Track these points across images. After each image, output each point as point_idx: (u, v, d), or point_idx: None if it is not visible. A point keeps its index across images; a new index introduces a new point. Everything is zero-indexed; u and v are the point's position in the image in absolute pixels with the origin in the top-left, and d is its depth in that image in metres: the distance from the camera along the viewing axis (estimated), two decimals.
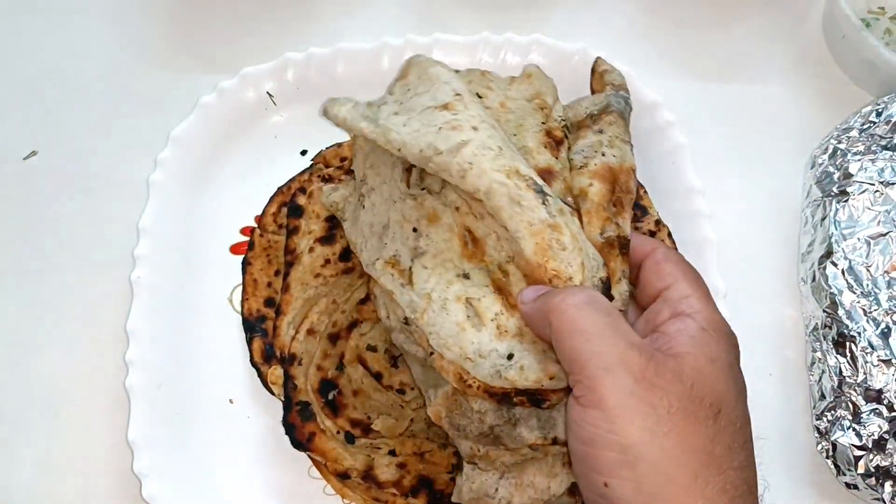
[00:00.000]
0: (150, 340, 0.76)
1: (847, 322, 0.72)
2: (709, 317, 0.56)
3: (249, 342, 0.76)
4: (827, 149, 0.81)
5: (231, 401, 0.77)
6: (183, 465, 0.74)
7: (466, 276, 0.61)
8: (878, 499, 0.71)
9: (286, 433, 0.71)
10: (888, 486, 0.70)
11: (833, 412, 0.72)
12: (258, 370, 0.75)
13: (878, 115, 0.80)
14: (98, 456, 0.76)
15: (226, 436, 0.76)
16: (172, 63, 0.93)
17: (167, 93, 0.90)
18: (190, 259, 0.80)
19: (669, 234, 0.79)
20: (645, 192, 0.81)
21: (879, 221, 0.75)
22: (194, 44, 0.94)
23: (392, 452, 0.71)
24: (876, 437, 0.70)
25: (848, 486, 0.72)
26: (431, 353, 0.60)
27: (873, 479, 0.70)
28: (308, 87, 0.84)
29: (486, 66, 0.84)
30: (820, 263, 0.76)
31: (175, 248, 0.79)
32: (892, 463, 0.69)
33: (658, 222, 0.80)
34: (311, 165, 0.81)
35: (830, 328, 0.74)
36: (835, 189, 0.78)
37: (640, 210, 0.80)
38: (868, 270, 0.73)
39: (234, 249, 0.82)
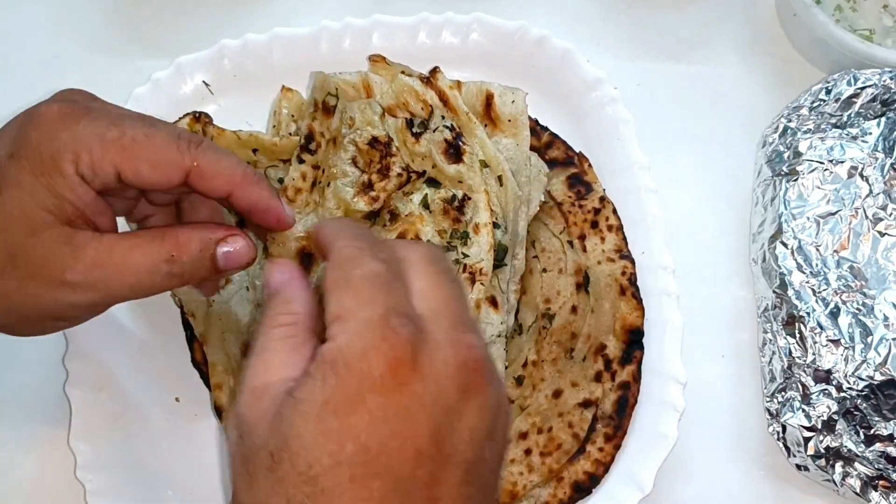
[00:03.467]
0: (89, 342, 0.74)
1: (796, 302, 0.72)
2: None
3: (190, 341, 0.74)
4: (777, 127, 0.80)
5: (177, 399, 0.76)
6: (129, 468, 0.72)
7: None
8: (828, 479, 0.70)
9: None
10: (838, 467, 0.70)
11: (783, 394, 0.72)
12: (200, 370, 0.73)
13: (828, 92, 0.79)
14: (39, 462, 0.74)
15: (173, 435, 0.75)
16: (115, 48, 0.90)
17: (109, 79, 0.86)
18: None
19: (614, 211, 0.78)
20: (589, 166, 0.80)
21: (829, 200, 0.74)
22: (137, 28, 0.91)
23: None
24: (825, 417, 0.69)
25: (798, 467, 0.72)
26: None
27: (823, 460, 0.70)
28: (245, 74, 0.81)
29: (426, 49, 0.83)
30: (770, 243, 0.75)
31: None
32: (841, 444, 0.69)
33: (603, 199, 0.79)
34: None
35: (780, 309, 0.73)
36: (785, 168, 0.77)
37: (585, 186, 0.79)
38: (817, 250, 0.73)
39: None
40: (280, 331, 0.48)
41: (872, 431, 0.69)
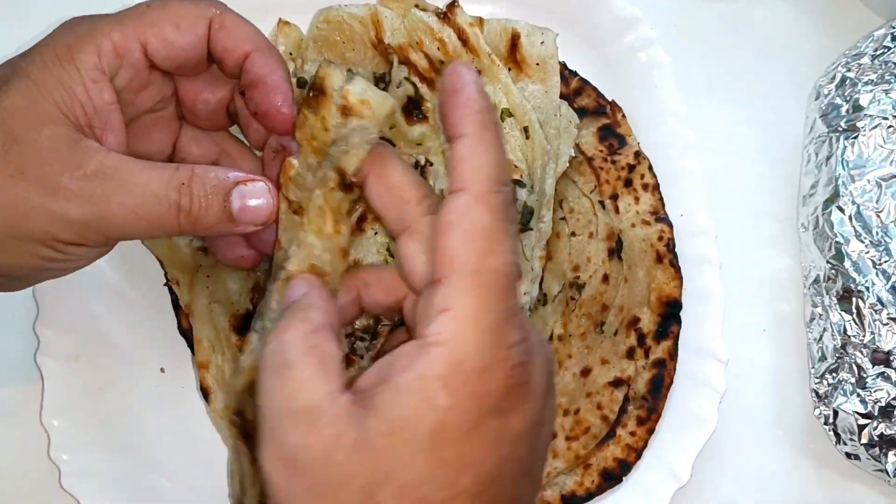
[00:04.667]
0: (63, 305, 0.67)
1: (854, 275, 0.65)
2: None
3: (176, 307, 0.66)
4: (834, 77, 0.72)
5: (162, 370, 0.69)
6: (109, 447, 0.66)
7: None
8: (880, 469, 0.64)
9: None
10: (892, 455, 0.64)
11: (834, 375, 0.65)
12: (187, 339, 0.66)
13: (894, 39, 0.71)
14: (8, 442, 0.67)
15: (158, 409, 0.68)
16: None
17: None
18: None
19: (650, 167, 0.71)
20: (623, 116, 0.72)
21: (893, 161, 0.66)
22: None
23: None
24: (883, 403, 0.63)
25: (848, 455, 0.66)
26: None
27: (876, 448, 0.64)
28: (240, 5, 0.71)
29: None
30: (824, 208, 0.67)
31: None
32: None
33: (638, 154, 0.71)
34: None
35: (834, 281, 0.66)
36: (842, 124, 0.69)
37: (618, 139, 0.71)
38: (878, 217, 0.65)
39: None
40: (300, 341, 0.42)
41: None
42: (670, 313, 0.66)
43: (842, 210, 0.66)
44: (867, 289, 0.64)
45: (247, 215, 0.53)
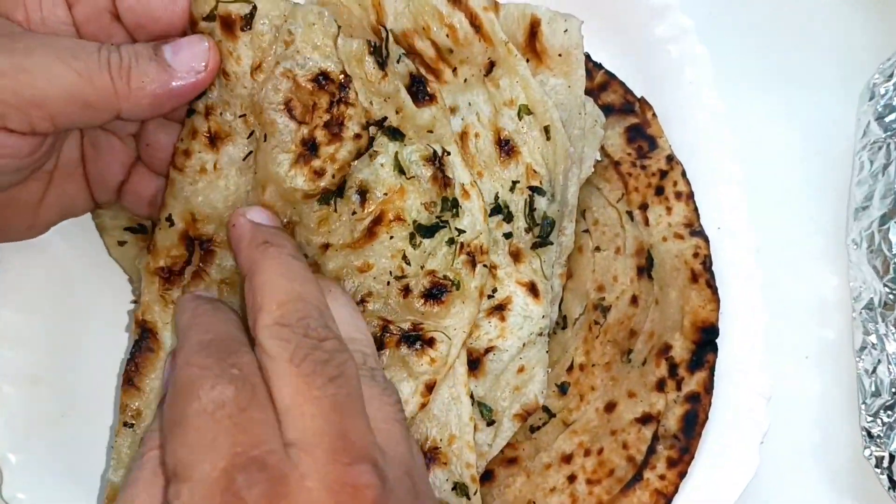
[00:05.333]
0: (21, 320, 0.61)
1: None
2: None
3: None
4: (892, 75, 0.65)
5: None
6: (71, 481, 0.59)
7: None
8: None
9: None
10: None
11: (891, 413, 0.59)
12: None
13: None
14: None
15: None
16: None
17: None
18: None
19: (684, 174, 0.65)
20: (654, 115, 0.65)
21: None
22: None
23: None
24: None
25: None
26: None
27: None
28: None
29: None
30: (881, 223, 0.61)
31: None
32: None
33: (670, 158, 0.65)
34: None
35: (892, 307, 0.59)
36: None
37: (648, 141, 0.65)
38: None
39: None
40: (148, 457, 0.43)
41: None
42: (706, 340, 0.60)
43: None
44: None
45: (184, 62, 0.51)
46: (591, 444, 0.58)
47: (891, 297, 0.59)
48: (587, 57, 0.65)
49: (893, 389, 0.58)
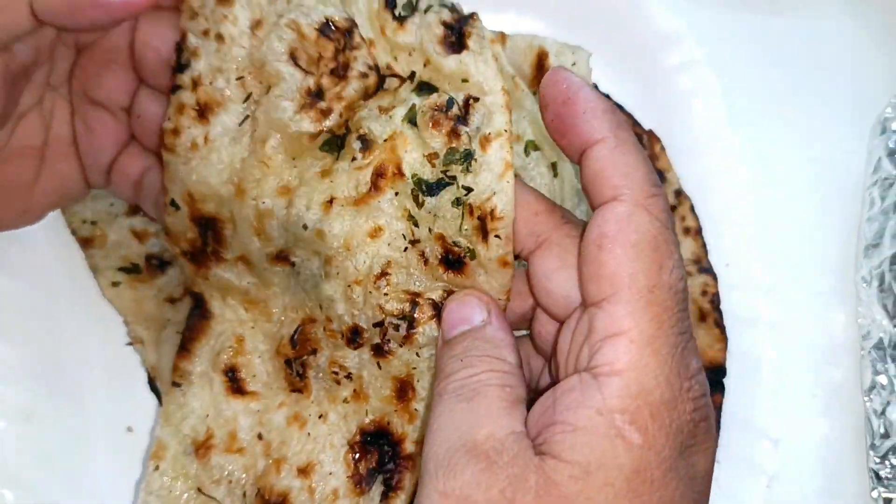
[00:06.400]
0: (13, 354, 0.60)
1: None
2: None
3: None
4: None
5: (129, 429, 0.62)
6: None
7: None
8: None
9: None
10: None
11: None
12: (159, 396, 0.59)
13: None
14: None
15: (125, 476, 0.60)
16: None
17: None
18: (65, 245, 0.62)
19: (692, 209, 0.64)
20: (662, 148, 0.65)
21: None
22: None
23: None
24: None
25: None
26: None
27: None
28: None
29: None
30: (893, 263, 0.61)
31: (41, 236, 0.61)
32: None
33: (679, 193, 0.64)
34: None
35: None
36: None
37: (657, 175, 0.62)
38: None
39: None
40: (496, 377, 0.41)
41: None
42: (714, 381, 0.60)
43: None
44: None
45: None
46: None
47: None
48: (594, 87, 0.65)
49: None
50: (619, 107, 0.65)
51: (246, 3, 0.50)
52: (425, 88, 0.50)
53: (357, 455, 0.50)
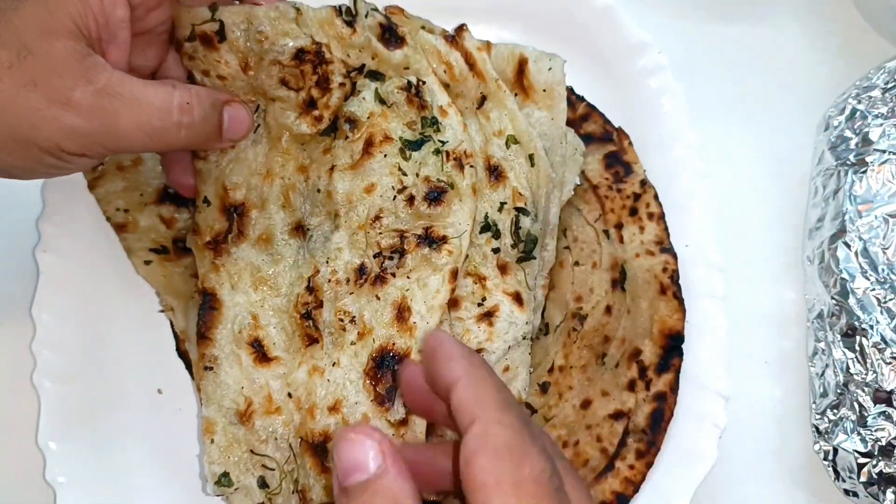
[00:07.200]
0: (60, 324, 0.67)
1: (858, 312, 0.64)
2: None
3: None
4: (844, 109, 0.71)
5: (160, 391, 0.68)
6: (103, 468, 0.65)
7: None
8: None
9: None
10: (890, 493, 0.63)
11: (836, 412, 0.65)
12: (185, 360, 0.66)
13: None
14: (4, 463, 0.67)
15: (154, 430, 0.67)
16: None
17: None
18: (103, 230, 0.69)
19: (656, 196, 0.70)
20: (630, 143, 0.71)
21: None
22: None
23: None
24: (883, 443, 0.63)
25: (847, 492, 0.65)
26: None
27: (875, 486, 0.63)
28: None
29: None
30: (830, 243, 0.67)
31: (86, 220, 0.69)
32: None
33: (644, 182, 0.70)
34: None
35: (838, 317, 0.65)
36: (851, 157, 0.68)
37: (624, 167, 0.71)
38: (885, 254, 0.65)
39: None
40: None
41: None
42: (672, 346, 0.66)
43: (848, 246, 0.66)
44: (871, 327, 0.63)
45: (234, 128, 0.61)
46: (569, 437, 0.65)
47: (836, 308, 0.66)
48: (571, 90, 0.72)
49: (838, 390, 0.65)
50: (592, 107, 0.73)
51: (229, 48, 0.63)
52: (375, 76, 0.64)
53: (372, 381, 0.58)
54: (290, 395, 0.61)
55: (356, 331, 0.60)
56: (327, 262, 0.61)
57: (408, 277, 0.60)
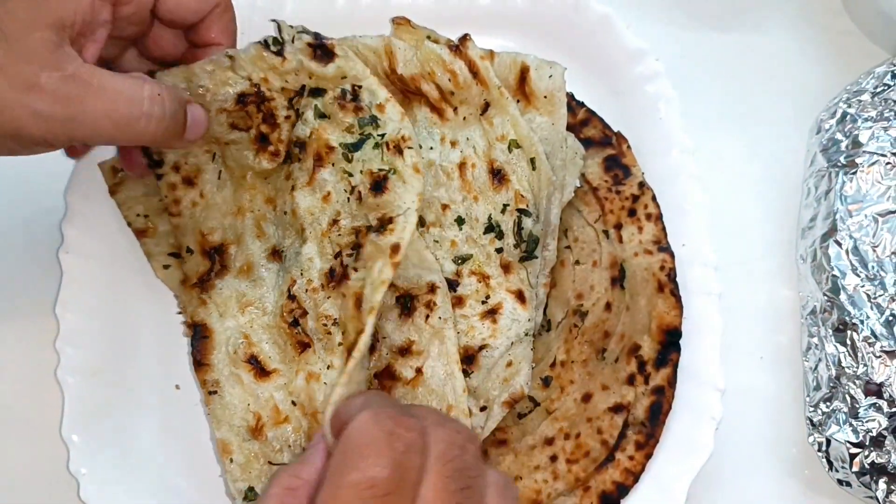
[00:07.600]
0: (82, 322, 0.69)
1: (849, 308, 0.67)
2: None
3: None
4: (835, 112, 0.73)
5: (177, 386, 0.71)
6: (125, 460, 0.68)
7: None
8: (870, 497, 0.66)
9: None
10: (882, 483, 0.66)
11: (828, 404, 0.67)
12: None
13: (894, 76, 0.72)
14: (29, 455, 0.69)
15: (172, 424, 0.70)
16: None
17: None
18: (123, 232, 0.72)
19: (654, 198, 0.72)
20: (628, 147, 0.74)
21: (890, 197, 0.68)
22: None
23: None
24: (874, 433, 0.65)
25: (840, 482, 0.68)
26: None
27: (867, 476, 0.66)
28: (253, 32, 0.73)
29: (453, 10, 0.78)
30: (822, 241, 0.69)
31: (107, 222, 0.72)
32: (888, 460, 0.65)
33: (642, 184, 0.73)
34: None
35: (830, 313, 0.68)
36: (842, 159, 0.71)
37: (623, 170, 0.73)
38: (875, 251, 0.67)
39: None
40: (279, 495, 0.45)
41: None
42: (670, 341, 0.68)
43: (839, 244, 0.68)
44: (861, 322, 0.66)
45: (192, 131, 0.62)
46: (570, 430, 0.67)
47: (828, 304, 0.68)
48: (571, 96, 0.74)
49: (831, 384, 0.67)
50: (591, 112, 0.75)
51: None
52: (317, 93, 0.67)
53: None
54: (294, 402, 0.64)
55: (340, 331, 0.63)
56: (301, 273, 0.65)
57: (365, 268, 0.62)
